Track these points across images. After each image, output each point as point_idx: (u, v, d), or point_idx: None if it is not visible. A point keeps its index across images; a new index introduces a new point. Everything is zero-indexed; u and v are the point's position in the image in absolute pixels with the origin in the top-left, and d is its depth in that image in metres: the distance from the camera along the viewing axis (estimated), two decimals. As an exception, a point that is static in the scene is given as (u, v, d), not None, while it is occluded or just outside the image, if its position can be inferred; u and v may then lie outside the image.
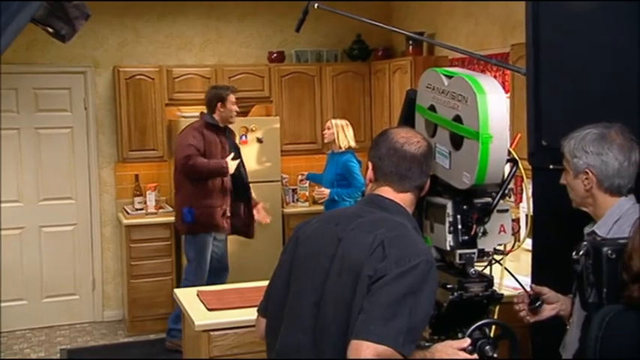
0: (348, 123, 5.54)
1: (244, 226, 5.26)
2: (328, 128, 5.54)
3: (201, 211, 5.01)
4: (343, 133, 5.45)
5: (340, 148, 5.44)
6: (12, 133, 5.86)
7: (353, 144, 5.47)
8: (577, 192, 2.24)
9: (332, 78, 6.35)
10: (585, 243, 1.96)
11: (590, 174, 2.18)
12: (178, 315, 5.04)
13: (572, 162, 2.22)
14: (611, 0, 2.44)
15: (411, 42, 5.82)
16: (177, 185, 5.13)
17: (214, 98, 5.09)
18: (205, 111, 5.16)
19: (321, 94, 6.34)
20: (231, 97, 5.11)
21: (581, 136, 2.20)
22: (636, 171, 2.18)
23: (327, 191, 5.43)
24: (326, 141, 5.66)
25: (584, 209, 2.26)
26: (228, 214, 5.15)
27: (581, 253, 1.94)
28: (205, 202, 5.01)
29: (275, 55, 6.34)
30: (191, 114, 5.85)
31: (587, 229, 2.26)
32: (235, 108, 5.16)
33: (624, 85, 2.40)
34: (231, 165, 5.01)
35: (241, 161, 5.24)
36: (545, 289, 2.33)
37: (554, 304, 2.32)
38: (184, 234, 5.22)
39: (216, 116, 5.09)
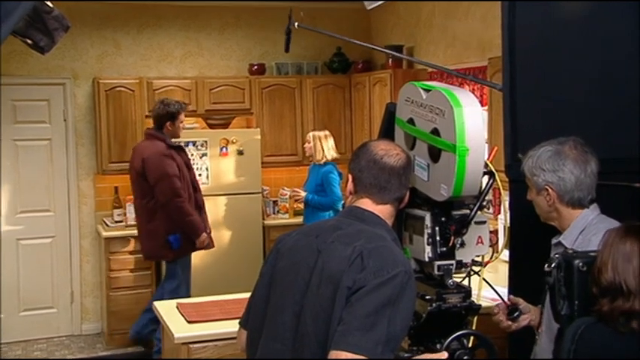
0: (327, 134, 5.55)
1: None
2: (308, 142, 5.57)
3: (186, 235, 4.93)
4: (321, 146, 5.47)
5: (319, 160, 5.46)
6: (-10, 145, 5.82)
7: (330, 156, 5.46)
8: (541, 208, 2.30)
9: (312, 90, 6.38)
10: (557, 255, 2.00)
11: (550, 190, 2.24)
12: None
13: (532, 180, 2.29)
14: (589, 8, 2.49)
15: (390, 55, 5.86)
16: (151, 212, 4.92)
17: (164, 116, 4.95)
18: (155, 128, 5.00)
19: (302, 107, 6.37)
20: (182, 116, 5.02)
21: (537, 154, 2.26)
22: (595, 182, 2.24)
23: (303, 193, 5.46)
24: (307, 154, 5.68)
25: (551, 223, 2.31)
26: (208, 230, 5.09)
27: (552, 265, 1.98)
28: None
29: (256, 67, 6.36)
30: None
31: (554, 240, 2.32)
32: (184, 125, 5.10)
33: (600, 97, 2.45)
34: (204, 242, 4.98)
35: (193, 174, 5.16)
36: (520, 300, 2.37)
37: (526, 315, 2.37)
38: (171, 261, 5.04)
39: (167, 133, 4.98)
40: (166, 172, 4.84)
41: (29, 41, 2.89)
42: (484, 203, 2.19)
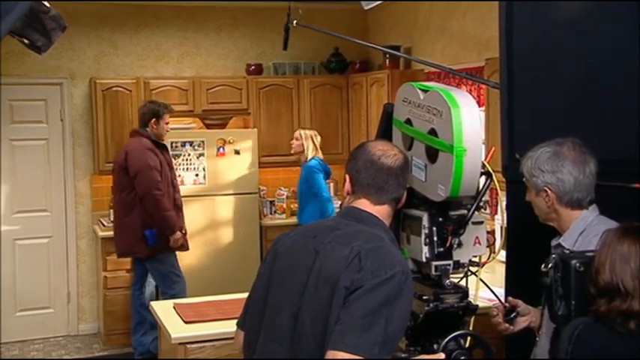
0: (316, 133, 5.56)
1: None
2: (297, 139, 5.55)
3: (162, 232, 4.90)
4: (313, 144, 5.48)
5: (307, 159, 5.46)
6: (-14, 145, 5.81)
7: (310, 155, 5.46)
8: (540, 209, 2.31)
9: (310, 90, 6.38)
10: (554, 256, 2.00)
11: (549, 191, 2.24)
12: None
13: (531, 181, 2.29)
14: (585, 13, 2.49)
15: (387, 55, 5.87)
16: (129, 205, 4.91)
17: (148, 113, 5.00)
18: (140, 126, 5.05)
19: (299, 107, 6.37)
20: (166, 117, 5.05)
21: (536, 155, 2.26)
22: (593, 182, 2.25)
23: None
24: (292, 152, 5.65)
25: (551, 224, 2.31)
26: (184, 230, 5.05)
27: (550, 265, 1.98)
28: None
29: (253, 67, 6.36)
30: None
31: (553, 242, 2.32)
32: (168, 127, 5.11)
33: (598, 98, 2.45)
34: (178, 240, 4.95)
35: (174, 174, 5.16)
36: (520, 302, 2.37)
37: (526, 316, 2.36)
38: (147, 258, 5.02)
39: (150, 131, 5.00)
40: (148, 164, 4.85)
41: (26, 41, 2.88)
42: (481, 204, 2.20)
